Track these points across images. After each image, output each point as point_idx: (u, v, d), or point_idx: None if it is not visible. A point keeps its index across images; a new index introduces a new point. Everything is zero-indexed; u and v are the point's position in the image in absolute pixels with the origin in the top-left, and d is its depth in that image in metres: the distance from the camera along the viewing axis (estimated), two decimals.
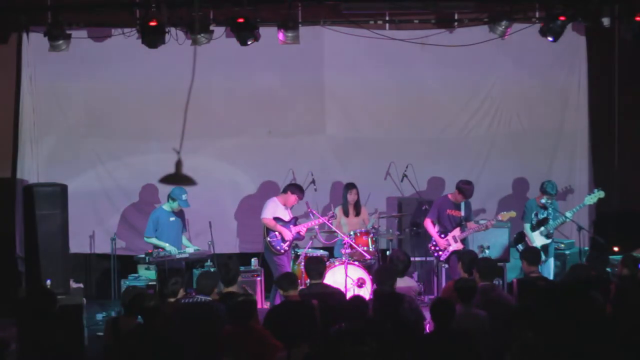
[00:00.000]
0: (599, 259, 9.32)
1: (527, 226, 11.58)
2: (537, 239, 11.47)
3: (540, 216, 11.57)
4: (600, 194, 11.51)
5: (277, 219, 11.44)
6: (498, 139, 12.87)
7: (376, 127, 12.74)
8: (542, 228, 11.53)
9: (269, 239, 11.40)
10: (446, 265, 11.45)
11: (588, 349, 6.86)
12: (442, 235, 11.37)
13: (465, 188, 11.32)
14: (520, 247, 11.53)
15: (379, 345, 7.09)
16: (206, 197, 12.27)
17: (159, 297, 8.29)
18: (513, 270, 11.75)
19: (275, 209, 11.49)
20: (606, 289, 8.53)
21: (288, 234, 11.40)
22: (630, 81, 12.77)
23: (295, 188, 11.55)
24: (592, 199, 11.54)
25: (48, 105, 12.17)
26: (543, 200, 11.47)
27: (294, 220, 11.56)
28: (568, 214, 11.51)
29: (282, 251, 11.38)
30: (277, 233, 11.40)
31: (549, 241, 11.52)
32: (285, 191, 11.57)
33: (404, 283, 9.23)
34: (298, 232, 11.48)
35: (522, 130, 12.89)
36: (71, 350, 7.90)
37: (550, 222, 11.50)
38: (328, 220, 11.43)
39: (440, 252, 11.36)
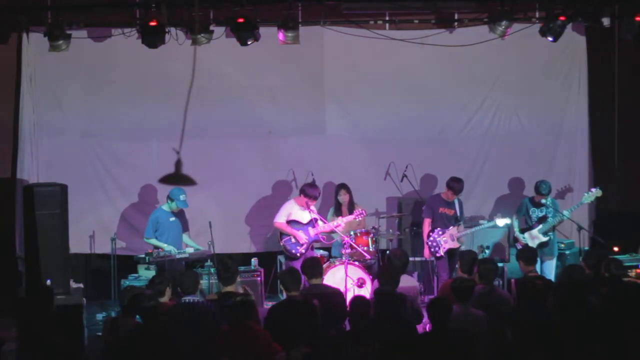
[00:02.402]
0: (595, 257, 9.30)
1: (515, 222, 11.73)
2: (536, 237, 11.55)
3: (534, 215, 11.63)
4: (598, 192, 11.57)
5: (292, 222, 11.27)
6: (498, 139, 12.87)
7: (376, 127, 12.73)
8: (541, 226, 11.58)
9: (282, 242, 11.29)
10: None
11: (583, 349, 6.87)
12: (441, 233, 11.40)
13: (454, 185, 11.42)
14: (521, 236, 11.61)
15: (380, 345, 7.12)
16: (206, 197, 12.26)
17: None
18: (512, 270, 11.76)
19: (290, 211, 11.31)
20: (599, 291, 8.55)
21: (302, 237, 11.21)
22: (630, 81, 12.76)
23: (308, 189, 11.31)
24: (589, 197, 11.61)
25: (48, 105, 12.16)
26: (542, 201, 11.53)
27: (313, 222, 11.31)
28: (566, 212, 11.60)
29: (299, 254, 11.18)
30: (291, 237, 11.29)
31: (546, 239, 11.57)
32: (300, 193, 11.43)
33: (405, 282, 9.23)
34: (316, 234, 11.27)
35: (522, 130, 12.89)
36: (71, 350, 7.90)
37: (549, 219, 11.55)
38: (357, 217, 11.36)
39: (438, 248, 11.39)
